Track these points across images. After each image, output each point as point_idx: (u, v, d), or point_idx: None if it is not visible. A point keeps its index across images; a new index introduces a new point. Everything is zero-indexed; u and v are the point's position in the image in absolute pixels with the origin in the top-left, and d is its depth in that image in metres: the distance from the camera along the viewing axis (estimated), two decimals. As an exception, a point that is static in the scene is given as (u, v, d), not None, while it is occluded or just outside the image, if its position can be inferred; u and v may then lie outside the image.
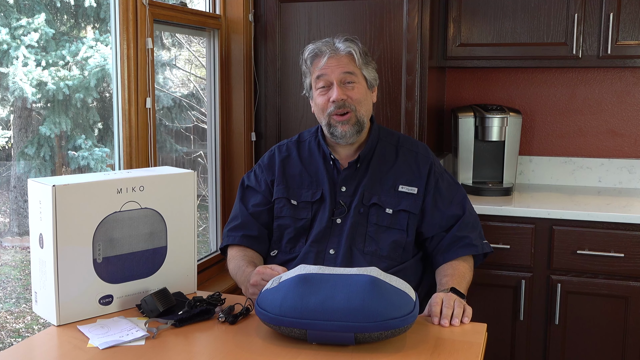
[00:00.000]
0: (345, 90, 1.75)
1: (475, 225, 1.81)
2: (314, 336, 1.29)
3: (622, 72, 2.78)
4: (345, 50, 1.76)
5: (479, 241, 1.78)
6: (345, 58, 1.76)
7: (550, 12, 2.51)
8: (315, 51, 1.78)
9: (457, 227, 1.77)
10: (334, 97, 1.74)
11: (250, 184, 1.89)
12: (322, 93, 1.78)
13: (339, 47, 1.77)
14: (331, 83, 1.75)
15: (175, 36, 3.34)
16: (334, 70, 1.75)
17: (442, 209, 1.78)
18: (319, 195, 1.79)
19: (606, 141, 2.84)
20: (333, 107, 1.75)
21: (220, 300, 1.53)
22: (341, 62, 1.75)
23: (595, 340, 2.34)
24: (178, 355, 1.29)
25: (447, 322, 1.43)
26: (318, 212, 1.78)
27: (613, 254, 2.27)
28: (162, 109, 3.40)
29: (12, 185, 2.98)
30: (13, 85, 2.55)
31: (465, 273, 1.72)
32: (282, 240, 1.80)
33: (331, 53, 1.76)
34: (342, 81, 1.75)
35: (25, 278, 2.96)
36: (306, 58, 1.81)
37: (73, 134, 2.86)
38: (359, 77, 1.78)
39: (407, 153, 1.83)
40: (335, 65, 1.75)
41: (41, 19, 2.61)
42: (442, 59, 2.67)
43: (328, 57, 1.75)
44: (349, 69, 1.76)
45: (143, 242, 1.53)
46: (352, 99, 1.75)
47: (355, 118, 1.76)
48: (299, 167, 1.84)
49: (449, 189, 1.82)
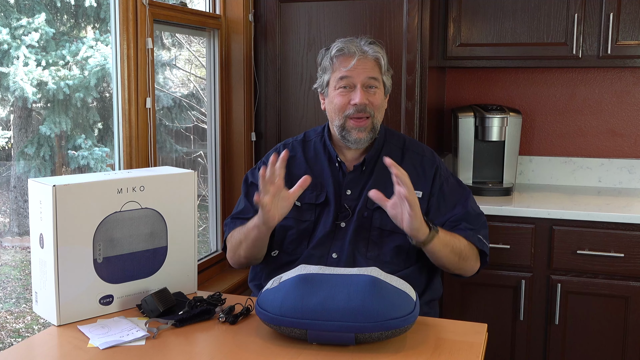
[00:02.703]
0: (368, 94, 1.73)
1: (477, 221, 1.77)
2: (314, 336, 1.29)
3: (622, 72, 2.78)
4: (373, 55, 1.74)
5: (475, 235, 1.74)
6: (372, 62, 1.74)
7: (550, 12, 2.51)
8: (344, 50, 1.75)
9: (458, 223, 1.75)
10: (357, 100, 1.72)
11: (254, 180, 1.86)
12: (342, 93, 1.75)
13: (366, 50, 1.75)
14: (354, 85, 1.73)
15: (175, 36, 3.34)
16: (360, 74, 1.73)
17: (444, 212, 1.76)
18: (323, 197, 1.77)
19: (606, 141, 2.84)
20: (353, 110, 1.73)
21: (220, 300, 1.53)
22: (368, 66, 1.73)
23: (595, 340, 2.35)
24: (178, 355, 1.29)
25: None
26: (322, 215, 1.76)
27: (613, 254, 2.27)
28: (162, 109, 3.40)
29: (12, 185, 2.98)
30: (13, 85, 2.55)
31: (457, 236, 1.68)
32: (284, 241, 1.78)
33: (360, 55, 1.73)
34: (365, 85, 1.74)
35: (25, 278, 2.96)
36: (333, 55, 1.77)
37: (73, 134, 2.86)
38: (380, 83, 1.76)
39: (414, 156, 1.82)
40: (362, 69, 1.73)
41: (41, 18, 2.61)
42: (442, 59, 2.67)
43: (357, 59, 1.72)
44: (374, 74, 1.74)
45: (143, 242, 1.53)
46: (372, 105, 1.74)
47: (372, 124, 1.75)
48: (303, 167, 1.82)
49: (453, 193, 1.79)
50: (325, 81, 1.80)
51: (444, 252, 1.62)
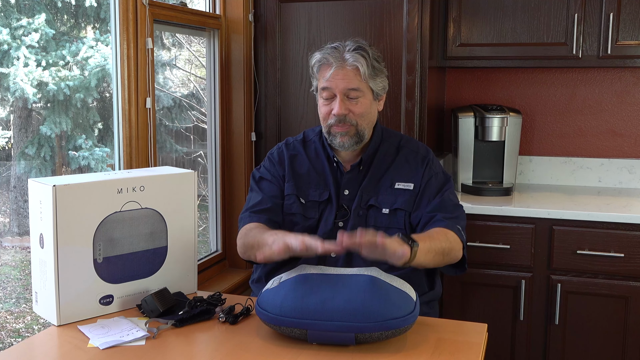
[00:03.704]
0: (349, 104, 1.73)
1: (455, 211, 1.75)
2: (315, 336, 1.29)
3: (622, 72, 2.78)
4: (352, 65, 1.71)
5: (455, 226, 1.70)
6: (352, 72, 1.71)
7: (550, 12, 2.51)
8: (322, 61, 1.75)
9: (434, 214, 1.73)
10: (335, 111, 1.72)
11: (263, 175, 1.86)
12: (325, 104, 1.76)
13: (347, 59, 1.71)
14: (335, 95, 1.73)
15: (175, 36, 3.34)
16: (338, 84, 1.71)
17: (425, 203, 1.75)
18: (326, 195, 1.79)
19: (606, 141, 2.84)
20: (334, 120, 1.73)
21: (220, 300, 1.53)
22: (347, 76, 1.71)
23: (595, 340, 2.35)
24: (178, 355, 1.29)
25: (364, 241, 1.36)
26: (324, 213, 1.78)
27: (613, 254, 2.27)
28: (162, 109, 3.40)
29: (12, 185, 2.99)
30: (14, 86, 2.55)
31: (435, 236, 1.63)
32: None
33: (337, 65, 1.71)
34: (346, 95, 1.73)
35: (25, 278, 2.96)
36: (313, 65, 1.78)
37: (73, 134, 2.87)
38: (364, 91, 1.73)
39: (407, 152, 1.83)
40: (340, 79, 1.71)
41: (41, 19, 2.61)
42: (442, 59, 2.67)
43: (335, 69, 1.71)
44: (354, 84, 1.71)
45: (143, 242, 1.53)
46: (354, 114, 1.73)
47: (355, 130, 1.74)
48: (307, 165, 1.84)
49: (437, 185, 1.78)
50: (315, 87, 1.82)
51: (428, 258, 1.57)
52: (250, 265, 2.52)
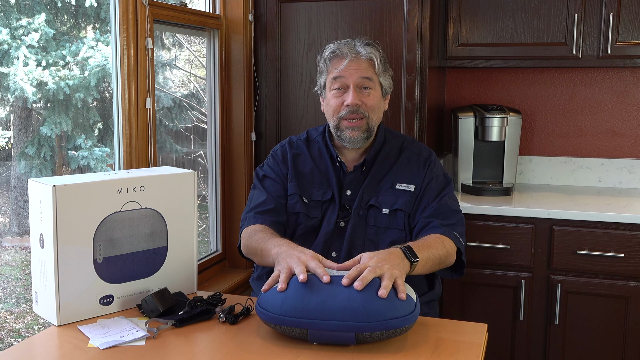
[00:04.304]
0: (361, 95, 1.74)
1: (454, 217, 1.74)
2: (315, 336, 1.29)
3: (622, 72, 2.78)
4: (366, 56, 1.75)
5: (452, 232, 1.69)
6: (366, 63, 1.75)
7: (550, 12, 2.51)
8: (336, 52, 1.77)
9: (430, 220, 1.72)
10: (349, 101, 1.73)
11: (267, 174, 1.86)
12: (336, 95, 1.76)
13: (360, 51, 1.75)
14: (348, 86, 1.74)
15: (175, 36, 3.34)
16: (352, 74, 1.73)
17: (424, 206, 1.75)
18: (329, 195, 1.79)
19: (606, 141, 2.84)
20: (346, 111, 1.74)
21: (220, 300, 1.53)
22: (361, 66, 1.74)
23: (595, 340, 2.35)
24: (179, 355, 1.29)
25: (359, 286, 1.29)
26: (327, 213, 1.78)
27: (613, 254, 2.27)
28: (162, 109, 3.40)
29: (12, 185, 2.98)
30: (13, 85, 2.55)
31: (432, 244, 1.60)
32: (293, 235, 1.78)
33: (352, 56, 1.74)
34: (359, 86, 1.74)
35: (25, 278, 2.96)
36: (326, 57, 1.79)
37: (73, 134, 2.87)
38: (375, 83, 1.77)
39: (410, 154, 1.83)
40: (354, 69, 1.73)
41: (41, 19, 2.61)
42: (442, 59, 2.67)
43: (349, 60, 1.73)
44: (368, 74, 1.74)
45: (143, 242, 1.53)
46: (366, 105, 1.74)
47: (367, 125, 1.75)
48: (310, 164, 1.84)
49: (437, 188, 1.78)
50: (322, 83, 1.82)
51: (425, 268, 1.56)
52: (250, 265, 2.52)
